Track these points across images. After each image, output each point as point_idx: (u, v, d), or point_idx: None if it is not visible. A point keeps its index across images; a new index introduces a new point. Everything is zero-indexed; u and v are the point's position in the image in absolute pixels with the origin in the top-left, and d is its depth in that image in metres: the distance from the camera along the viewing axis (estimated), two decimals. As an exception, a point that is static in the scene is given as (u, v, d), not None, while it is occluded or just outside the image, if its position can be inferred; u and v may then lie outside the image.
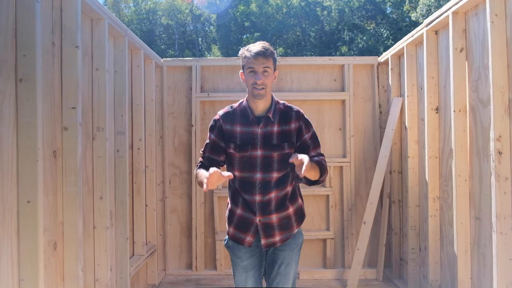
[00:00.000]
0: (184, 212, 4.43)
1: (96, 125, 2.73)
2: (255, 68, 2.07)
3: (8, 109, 1.85)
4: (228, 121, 2.20)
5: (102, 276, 2.73)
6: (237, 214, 2.22)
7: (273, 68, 2.13)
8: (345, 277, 4.18)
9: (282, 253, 2.22)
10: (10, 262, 1.84)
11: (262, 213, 2.16)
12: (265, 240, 2.18)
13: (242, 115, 2.19)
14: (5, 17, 1.86)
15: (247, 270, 2.23)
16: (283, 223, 2.19)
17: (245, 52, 2.12)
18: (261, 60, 2.06)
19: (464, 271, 2.76)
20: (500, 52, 2.33)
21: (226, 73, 4.48)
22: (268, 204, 2.16)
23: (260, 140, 2.14)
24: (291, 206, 2.22)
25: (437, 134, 3.25)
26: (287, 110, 2.22)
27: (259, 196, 2.15)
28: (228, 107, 2.26)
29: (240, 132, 2.17)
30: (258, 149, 2.13)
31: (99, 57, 2.77)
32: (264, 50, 2.07)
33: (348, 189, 4.33)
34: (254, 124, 2.16)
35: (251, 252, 2.22)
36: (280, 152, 2.14)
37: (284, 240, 2.21)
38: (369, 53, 22.57)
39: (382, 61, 4.31)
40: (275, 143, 2.14)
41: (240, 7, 29.35)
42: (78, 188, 2.30)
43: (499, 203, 2.29)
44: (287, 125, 2.18)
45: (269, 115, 2.15)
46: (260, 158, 2.13)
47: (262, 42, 2.14)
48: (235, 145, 2.16)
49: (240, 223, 2.21)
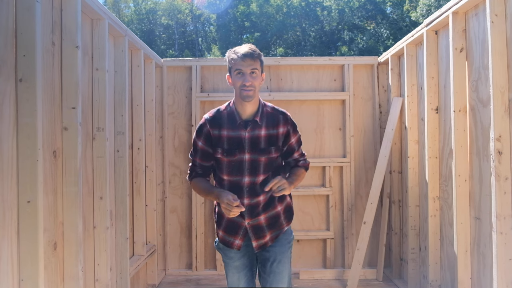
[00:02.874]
0: (184, 212, 4.43)
1: (96, 125, 2.73)
2: (243, 70, 2.06)
3: (8, 109, 1.85)
4: (215, 126, 2.18)
5: (102, 276, 2.73)
6: (225, 217, 2.21)
7: (261, 70, 2.12)
8: (345, 277, 4.18)
9: (273, 249, 2.20)
10: (10, 262, 1.84)
11: (251, 216, 2.17)
12: (256, 242, 2.18)
13: (229, 119, 2.17)
14: (5, 17, 1.86)
15: (239, 270, 2.23)
16: (272, 222, 2.20)
17: (232, 54, 2.11)
18: (248, 61, 2.05)
19: (464, 271, 2.76)
20: (500, 52, 2.33)
21: (226, 73, 4.47)
22: (256, 206, 2.16)
23: (247, 144, 2.13)
24: (280, 205, 2.23)
25: (437, 134, 3.25)
26: (274, 113, 2.20)
27: (247, 199, 2.15)
28: (215, 111, 2.24)
29: (227, 137, 2.16)
30: (246, 153, 2.13)
31: (99, 57, 2.77)
32: (251, 52, 2.07)
33: (348, 189, 4.33)
34: (241, 128, 2.15)
35: (242, 252, 2.23)
36: (267, 156, 2.15)
37: (274, 238, 2.21)
38: (369, 53, 22.59)
39: (382, 61, 4.31)
40: (262, 147, 2.14)
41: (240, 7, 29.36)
42: (78, 188, 2.30)
43: (499, 203, 2.29)
44: (275, 129, 2.17)
45: (257, 119, 2.14)
46: (248, 162, 2.14)
47: (249, 44, 2.13)
48: (222, 149, 2.16)
49: (228, 226, 2.21)
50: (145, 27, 30.64)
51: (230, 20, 29.64)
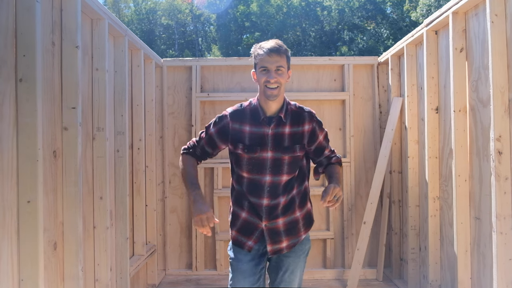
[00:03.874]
0: (184, 212, 4.43)
1: (96, 125, 2.73)
2: (268, 67, 1.96)
3: (8, 109, 1.85)
4: (237, 119, 2.09)
5: (102, 276, 2.72)
6: (242, 217, 2.12)
7: (287, 66, 2.02)
8: (345, 277, 4.18)
9: (287, 259, 2.12)
10: (10, 262, 1.84)
11: (269, 218, 2.07)
12: (271, 246, 2.08)
13: (252, 115, 2.08)
14: (5, 17, 1.86)
15: (244, 276, 2.09)
16: (289, 228, 2.09)
17: (257, 49, 2.01)
18: (274, 57, 1.95)
19: (464, 271, 2.75)
20: (500, 52, 2.33)
21: (226, 73, 4.48)
22: (276, 208, 2.06)
23: (270, 142, 2.04)
24: (299, 210, 2.13)
25: (437, 134, 3.25)
26: (299, 111, 2.11)
27: (267, 199, 2.06)
28: (238, 105, 2.14)
29: (249, 132, 2.06)
30: (268, 150, 2.03)
31: (99, 57, 2.77)
32: (278, 47, 1.96)
33: (348, 189, 4.32)
34: (264, 125, 2.05)
35: (251, 255, 2.11)
36: (291, 154, 2.05)
37: (291, 246, 2.11)
38: (369, 53, 22.59)
39: (382, 61, 4.31)
40: (286, 145, 2.04)
41: (240, 7, 29.36)
42: (78, 188, 2.30)
43: (499, 203, 2.29)
44: (300, 127, 2.08)
45: (281, 116, 2.04)
46: (270, 160, 2.04)
47: (275, 40, 2.02)
48: (243, 145, 2.05)
49: (243, 227, 2.12)
50: (145, 27, 30.64)
51: (230, 20, 29.63)
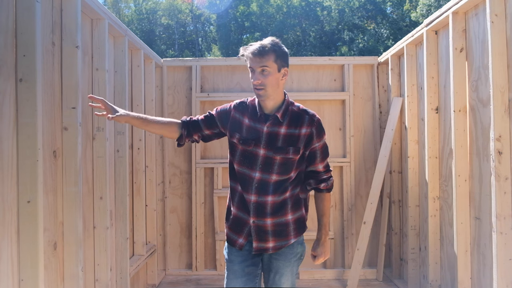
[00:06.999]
0: (184, 212, 4.43)
1: (96, 125, 2.73)
2: (253, 67, 1.97)
3: (8, 109, 1.85)
4: (239, 110, 2.13)
5: (102, 276, 2.72)
6: (233, 213, 2.13)
7: (278, 65, 1.97)
8: (345, 277, 4.18)
9: (277, 262, 2.11)
10: (10, 262, 1.84)
11: (256, 215, 2.06)
12: (256, 243, 2.08)
13: (252, 110, 2.11)
14: (5, 17, 1.86)
15: (237, 276, 2.10)
16: (278, 230, 2.08)
17: (242, 50, 2.02)
18: (257, 59, 1.94)
19: (464, 271, 2.75)
20: (500, 52, 2.33)
21: (226, 73, 4.48)
22: (263, 206, 2.05)
23: (264, 139, 2.04)
24: (291, 214, 2.11)
25: (437, 134, 3.25)
26: (300, 113, 2.08)
27: (255, 196, 2.05)
28: (244, 99, 2.19)
29: (247, 125, 2.08)
30: (261, 148, 2.04)
31: (99, 57, 2.77)
32: (260, 49, 1.93)
33: (348, 189, 4.32)
34: (261, 121, 2.06)
35: (242, 256, 2.11)
36: (283, 156, 2.03)
37: (278, 248, 2.10)
38: (369, 53, 22.58)
39: (382, 61, 4.31)
40: (279, 145, 2.03)
41: (240, 7, 29.36)
42: (78, 188, 2.30)
43: (499, 203, 2.29)
44: (297, 129, 2.04)
45: (278, 115, 2.04)
46: (262, 157, 2.04)
47: (268, 38, 2.00)
48: (240, 136, 2.08)
49: (234, 222, 2.14)
50: (145, 27, 30.63)
51: (230, 20, 29.63)
